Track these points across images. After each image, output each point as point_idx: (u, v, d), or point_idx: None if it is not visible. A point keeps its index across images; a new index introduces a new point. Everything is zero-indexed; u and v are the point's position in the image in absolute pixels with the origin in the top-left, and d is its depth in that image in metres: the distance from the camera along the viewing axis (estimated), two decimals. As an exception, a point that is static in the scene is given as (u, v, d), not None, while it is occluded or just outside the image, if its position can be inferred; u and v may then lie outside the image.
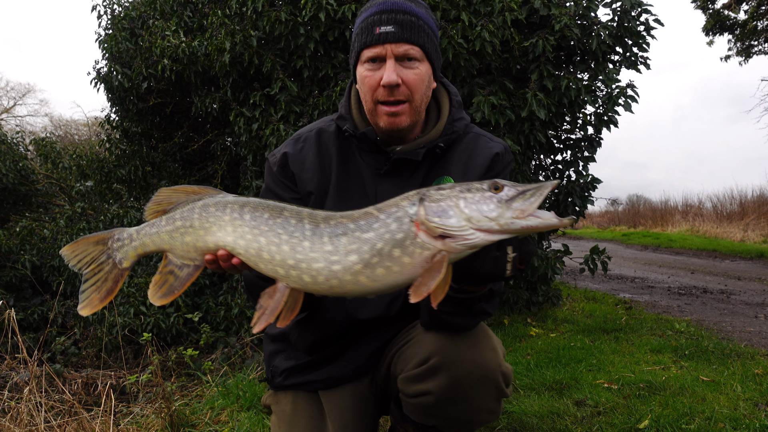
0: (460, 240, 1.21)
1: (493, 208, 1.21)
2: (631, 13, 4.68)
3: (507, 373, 1.59)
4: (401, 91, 1.61)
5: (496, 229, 1.20)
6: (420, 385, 1.57)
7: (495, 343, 1.60)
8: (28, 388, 2.79)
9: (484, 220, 1.20)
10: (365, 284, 1.28)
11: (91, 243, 1.48)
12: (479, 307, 1.47)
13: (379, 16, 1.62)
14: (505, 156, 1.78)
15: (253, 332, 1.81)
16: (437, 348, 1.54)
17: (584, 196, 5.09)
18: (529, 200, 1.21)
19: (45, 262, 6.80)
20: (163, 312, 5.19)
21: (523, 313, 5.34)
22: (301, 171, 1.77)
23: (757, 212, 16.21)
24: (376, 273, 1.26)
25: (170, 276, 1.44)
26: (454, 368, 1.52)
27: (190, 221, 1.41)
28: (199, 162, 7.02)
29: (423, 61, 1.64)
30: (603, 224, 24.36)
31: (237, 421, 2.84)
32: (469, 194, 1.24)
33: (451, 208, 1.23)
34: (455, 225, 1.21)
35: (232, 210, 1.38)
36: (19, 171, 8.87)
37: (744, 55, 16.01)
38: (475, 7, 4.42)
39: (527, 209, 1.20)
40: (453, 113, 1.75)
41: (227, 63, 4.90)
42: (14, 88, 35.48)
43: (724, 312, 5.78)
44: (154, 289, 1.43)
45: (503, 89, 4.55)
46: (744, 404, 2.85)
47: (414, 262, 1.24)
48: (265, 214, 1.36)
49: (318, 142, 1.80)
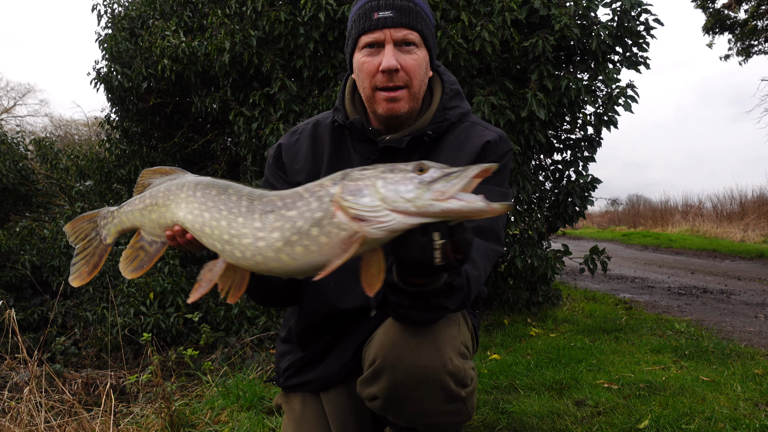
0: (375, 223, 1.14)
1: (412, 188, 1.13)
2: (630, 13, 4.68)
3: (456, 372, 1.48)
4: (400, 77, 1.60)
5: (413, 211, 1.12)
6: (369, 389, 1.54)
7: (442, 343, 1.49)
8: (28, 388, 2.78)
9: (399, 200, 1.13)
10: (286, 262, 1.26)
11: (86, 220, 1.60)
12: (437, 302, 1.38)
13: (377, 1, 1.61)
14: (500, 145, 1.71)
15: (187, 302, 1.86)
16: (380, 349, 1.50)
17: (584, 196, 5.09)
18: (451, 182, 1.13)
19: (45, 262, 6.80)
20: (163, 312, 5.19)
21: (523, 313, 5.34)
22: (293, 162, 1.80)
23: (757, 212, 16.22)
24: (295, 251, 1.24)
25: (141, 251, 1.53)
26: (394, 370, 1.47)
27: (156, 199, 1.50)
28: (199, 162, 7.02)
29: (421, 47, 1.64)
30: (603, 224, 24.38)
31: (237, 421, 2.84)
32: (390, 174, 1.17)
33: (367, 187, 1.17)
34: (368, 205, 1.15)
35: (188, 188, 1.45)
36: (19, 171, 8.87)
37: (744, 54, 16.02)
38: (475, 7, 4.42)
39: (448, 191, 1.11)
40: (444, 101, 1.72)
41: (227, 63, 4.90)
42: (14, 88, 35.49)
43: (724, 312, 5.78)
44: (125, 263, 1.52)
45: (503, 89, 4.55)
46: (744, 404, 2.85)
47: (331, 243, 1.20)
48: (213, 192, 1.41)
49: (313, 134, 1.81)
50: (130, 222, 1.55)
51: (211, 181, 1.45)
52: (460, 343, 1.56)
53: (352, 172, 1.22)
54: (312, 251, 1.22)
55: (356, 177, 1.20)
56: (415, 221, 1.13)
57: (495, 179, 1.63)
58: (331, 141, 1.79)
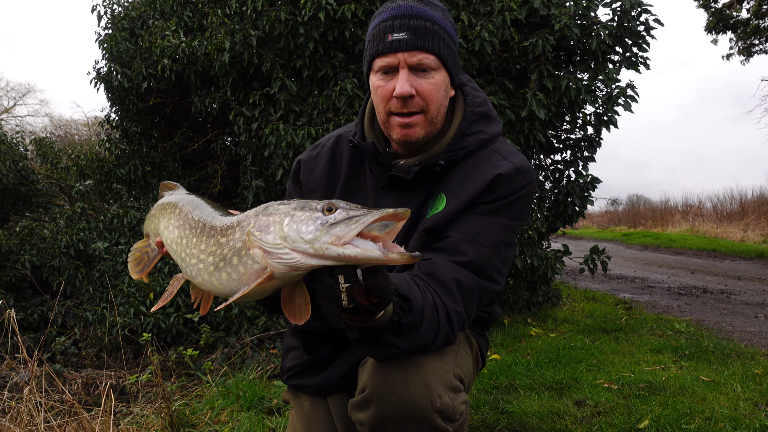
0: (275, 258, 1.16)
1: (312, 230, 1.13)
2: (630, 13, 4.68)
3: (444, 409, 1.43)
4: (415, 103, 1.53)
5: (311, 253, 1.13)
6: (357, 414, 1.52)
7: (432, 378, 1.44)
8: (28, 388, 2.78)
9: (299, 241, 1.14)
10: (217, 287, 1.32)
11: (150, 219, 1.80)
12: (386, 339, 1.33)
13: (392, 21, 1.53)
14: (515, 178, 1.58)
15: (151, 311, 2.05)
16: (370, 379, 1.47)
17: (584, 196, 5.09)
18: (349, 227, 1.11)
19: (45, 262, 6.79)
20: (163, 312, 5.19)
21: (523, 313, 5.34)
22: (309, 180, 1.78)
23: (757, 212, 16.22)
24: (221, 277, 1.29)
25: (145, 256, 1.71)
26: (381, 403, 1.44)
27: (155, 211, 1.68)
28: (199, 162, 7.02)
29: (439, 70, 1.55)
30: (603, 224, 24.39)
31: (237, 421, 2.84)
32: (299, 212, 1.18)
33: (275, 224, 1.19)
34: (271, 242, 1.17)
35: (170, 204, 1.59)
36: (19, 171, 8.87)
37: (745, 54, 16.02)
38: (475, 6, 4.42)
39: (344, 236, 1.10)
40: (464, 127, 1.62)
41: (227, 62, 4.90)
42: (14, 88, 35.45)
43: (724, 312, 5.78)
44: (132, 264, 1.69)
45: (503, 89, 4.55)
46: (744, 404, 2.85)
47: (248, 273, 1.23)
48: (185, 210, 1.51)
49: (333, 151, 1.78)
50: (145, 228, 1.76)
51: (190, 200, 1.54)
52: (453, 376, 1.51)
53: (270, 206, 1.25)
54: (233, 279, 1.27)
55: (271, 212, 1.23)
56: (314, 262, 1.13)
57: (505, 213, 1.57)
58: (349, 159, 1.74)
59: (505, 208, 1.58)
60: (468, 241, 1.52)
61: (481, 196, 1.56)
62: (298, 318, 1.25)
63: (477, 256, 1.51)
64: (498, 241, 1.55)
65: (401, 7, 1.54)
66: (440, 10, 1.59)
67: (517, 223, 1.61)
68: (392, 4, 1.58)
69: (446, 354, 1.55)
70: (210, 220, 1.40)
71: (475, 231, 1.53)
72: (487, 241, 1.53)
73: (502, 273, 1.59)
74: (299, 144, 4.46)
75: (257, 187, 5.23)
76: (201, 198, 1.55)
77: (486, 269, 1.53)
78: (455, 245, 1.51)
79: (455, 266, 1.48)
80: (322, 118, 4.59)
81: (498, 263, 1.56)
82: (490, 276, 1.54)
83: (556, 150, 5.29)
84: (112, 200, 7.56)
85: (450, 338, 1.47)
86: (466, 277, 1.49)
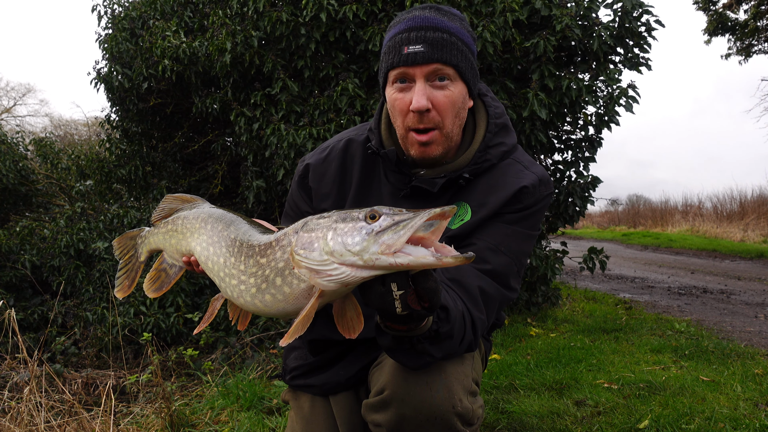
0: (325, 276, 1.11)
1: (359, 241, 1.08)
2: (632, 13, 4.68)
3: (465, 413, 1.44)
4: (431, 118, 1.51)
5: (361, 265, 1.08)
6: (374, 416, 1.51)
7: (453, 383, 1.44)
8: (28, 388, 2.78)
9: (347, 254, 1.09)
10: (260, 308, 1.28)
11: (129, 237, 1.75)
12: (422, 348, 1.32)
13: (408, 34, 1.50)
14: (538, 189, 1.60)
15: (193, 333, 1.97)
16: (390, 381, 1.46)
17: (584, 196, 5.09)
18: (398, 233, 1.06)
19: (45, 262, 6.78)
20: (163, 312, 5.19)
21: (523, 313, 5.34)
22: (319, 186, 1.74)
23: (757, 212, 16.23)
24: (265, 298, 1.26)
25: (162, 273, 1.64)
26: (402, 406, 1.43)
27: (176, 226, 1.59)
28: (199, 162, 7.02)
29: (456, 81, 1.53)
30: (603, 224, 24.39)
31: (237, 421, 2.84)
32: (341, 224, 1.12)
33: (318, 239, 1.14)
34: (317, 259, 1.12)
35: (201, 219, 1.51)
36: (19, 171, 8.85)
37: (744, 54, 16.03)
38: (477, 7, 4.42)
39: (394, 244, 1.05)
40: (487, 139, 1.61)
41: (228, 63, 4.90)
42: (14, 88, 35.51)
43: (724, 312, 5.78)
44: (149, 283, 1.63)
45: (504, 89, 4.56)
46: (744, 404, 2.85)
47: (294, 293, 1.20)
48: (219, 226, 1.45)
49: (343, 154, 1.74)
50: (156, 244, 1.66)
51: (221, 215, 1.48)
52: (471, 381, 1.52)
53: (309, 221, 1.20)
54: (279, 300, 1.23)
55: (311, 227, 1.18)
56: (365, 274, 1.09)
57: (526, 223, 1.59)
58: (361, 165, 1.71)
59: (527, 218, 1.60)
60: (492, 249, 1.53)
61: (506, 206, 1.57)
62: (351, 332, 1.22)
63: (500, 264, 1.52)
64: (518, 250, 1.57)
65: (417, 18, 1.52)
66: (458, 19, 1.57)
67: (535, 233, 1.63)
68: (408, 15, 1.55)
69: (465, 358, 1.56)
70: (247, 239, 1.34)
71: (499, 240, 1.55)
72: (510, 250, 1.55)
73: (519, 281, 1.61)
74: (300, 144, 4.47)
75: (258, 188, 5.23)
76: (232, 212, 1.50)
77: (506, 277, 1.54)
78: (479, 253, 1.51)
79: (479, 273, 1.49)
80: (323, 118, 4.59)
81: (516, 272, 1.58)
82: (509, 284, 1.56)
83: (557, 150, 5.29)
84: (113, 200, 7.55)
85: (472, 345, 1.49)
86: (489, 285, 1.50)
